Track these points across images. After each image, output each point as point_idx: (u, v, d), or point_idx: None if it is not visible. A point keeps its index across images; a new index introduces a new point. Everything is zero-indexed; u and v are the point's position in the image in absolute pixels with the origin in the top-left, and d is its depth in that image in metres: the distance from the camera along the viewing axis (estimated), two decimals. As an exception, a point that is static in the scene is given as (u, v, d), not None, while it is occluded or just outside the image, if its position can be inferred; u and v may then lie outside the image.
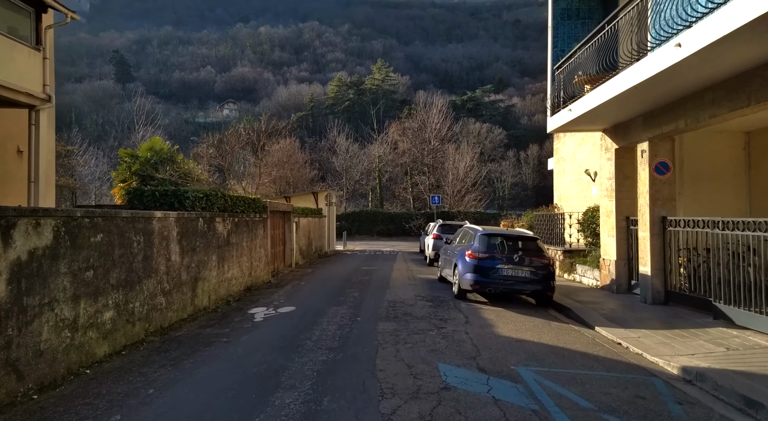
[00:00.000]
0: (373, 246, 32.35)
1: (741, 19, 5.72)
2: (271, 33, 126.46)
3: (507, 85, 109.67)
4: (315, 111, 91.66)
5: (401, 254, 25.41)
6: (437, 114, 43.55)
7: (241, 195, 13.37)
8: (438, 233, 19.01)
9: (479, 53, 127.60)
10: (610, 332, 8.54)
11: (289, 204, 18.18)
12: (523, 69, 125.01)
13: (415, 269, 18.34)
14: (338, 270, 17.83)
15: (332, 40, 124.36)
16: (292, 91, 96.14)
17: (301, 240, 20.06)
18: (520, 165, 79.51)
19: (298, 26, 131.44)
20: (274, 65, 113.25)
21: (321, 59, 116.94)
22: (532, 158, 79.87)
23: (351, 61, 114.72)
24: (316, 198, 25.80)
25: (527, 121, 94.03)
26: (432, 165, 43.30)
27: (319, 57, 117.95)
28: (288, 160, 42.39)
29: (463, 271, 11.06)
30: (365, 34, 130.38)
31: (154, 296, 8.23)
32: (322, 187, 29.25)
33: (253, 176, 31.42)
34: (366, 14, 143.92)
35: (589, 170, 17.01)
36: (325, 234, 25.60)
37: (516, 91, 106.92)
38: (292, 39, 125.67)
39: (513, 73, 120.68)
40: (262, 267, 14.37)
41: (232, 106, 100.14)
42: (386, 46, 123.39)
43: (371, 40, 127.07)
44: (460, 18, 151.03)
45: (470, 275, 10.82)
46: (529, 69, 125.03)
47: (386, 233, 39.55)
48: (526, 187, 79.40)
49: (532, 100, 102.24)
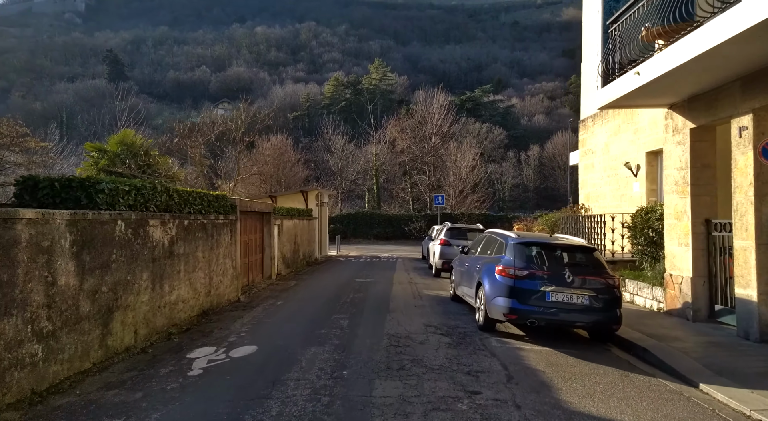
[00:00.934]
0: (369, 251, 29.18)
1: None
2: (268, 33, 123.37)
3: (506, 86, 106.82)
4: (311, 111, 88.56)
5: (401, 261, 22.24)
6: (438, 110, 40.36)
7: (198, 190, 10.18)
8: (446, 238, 15.85)
9: (477, 54, 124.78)
10: (730, 396, 5.44)
11: (269, 203, 15.03)
12: (522, 70, 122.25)
13: (420, 281, 15.18)
14: (327, 283, 14.65)
15: (329, 41, 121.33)
16: (287, 91, 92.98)
17: (284, 246, 16.88)
18: (521, 166, 76.54)
19: (295, 27, 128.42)
20: (270, 65, 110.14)
21: (318, 59, 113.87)
22: (532, 159, 76.92)
23: (348, 61, 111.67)
24: (306, 198, 22.64)
25: (527, 121, 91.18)
26: (433, 164, 40.07)
27: (315, 57, 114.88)
28: (279, 158, 39.23)
29: (493, 293, 7.90)
30: (363, 34, 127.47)
31: (17, 344, 5.05)
32: (312, 185, 25.92)
33: (235, 174, 28.32)
34: (364, 15, 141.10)
35: (629, 163, 13.91)
36: (316, 238, 22.45)
37: (515, 92, 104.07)
38: (288, 39, 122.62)
39: (511, 74, 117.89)
40: (228, 282, 11.18)
41: (227, 106, 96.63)
42: (384, 47, 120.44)
43: (369, 40, 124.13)
44: (459, 19, 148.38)
45: (503, 301, 7.64)
46: (528, 70, 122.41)
47: (384, 236, 36.36)
48: (527, 188, 76.40)
49: (532, 101, 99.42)
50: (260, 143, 38.55)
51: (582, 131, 17.71)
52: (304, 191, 22.81)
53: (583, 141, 17.64)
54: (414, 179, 41.24)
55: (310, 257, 21.37)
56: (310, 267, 19.65)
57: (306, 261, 20.43)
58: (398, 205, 42.92)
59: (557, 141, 75.54)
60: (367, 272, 17.30)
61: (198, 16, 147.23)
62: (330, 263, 21.86)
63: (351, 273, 17.19)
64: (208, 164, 24.32)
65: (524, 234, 8.87)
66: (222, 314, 9.92)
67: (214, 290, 10.40)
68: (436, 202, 27.09)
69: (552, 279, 7.54)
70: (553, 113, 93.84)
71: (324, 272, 17.95)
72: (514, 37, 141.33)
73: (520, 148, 79.11)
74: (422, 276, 16.45)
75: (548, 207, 60.80)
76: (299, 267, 18.85)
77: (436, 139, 40.05)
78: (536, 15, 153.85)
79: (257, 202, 13.93)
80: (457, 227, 16.52)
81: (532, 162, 76.39)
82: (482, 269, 8.62)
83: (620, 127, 14.83)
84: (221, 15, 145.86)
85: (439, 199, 27.16)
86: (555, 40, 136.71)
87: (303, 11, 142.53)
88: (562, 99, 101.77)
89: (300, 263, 19.17)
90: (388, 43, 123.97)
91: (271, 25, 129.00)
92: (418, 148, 40.36)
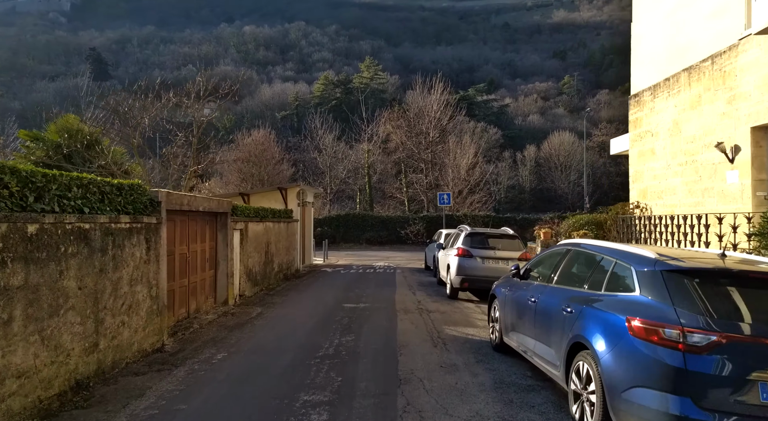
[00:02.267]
0: (361, 258, 24.93)
1: None
2: (256, 32, 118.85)
3: (498, 87, 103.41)
4: (300, 110, 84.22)
5: (401, 273, 17.99)
6: (436, 101, 36.08)
7: (77, 175, 5.86)
8: (465, 247, 11.61)
9: (469, 56, 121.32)
10: None
11: (226, 201, 10.74)
12: (513, 72, 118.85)
13: (433, 307, 10.90)
14: (303, 312, 10.35)
15: (319, 40, 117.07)
16: (276, 90, 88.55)
17: (250, 257, 12.58)
18: (517, 167, 72.69)
19: (284, 27, 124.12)
20: (258, 64, 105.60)
21: (307, 59, 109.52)
22: (529, 160, 73.07)
23: (339, 61, 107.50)
24: (285, 196, 18.35)
25: (521, 121, 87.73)
26: (430, 161, 35.73)
27: (305, 57, 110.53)
28: (262, 155, 34.87)
29: (628, 380, 3.70)
30: (353, 34, 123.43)
31: None
32: (293, 182, 21.42)
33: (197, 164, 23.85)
34: (354, 16, 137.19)
35: (723, 144, 9.83)
36: (297, 244, 18.18)
37: (508, 93, 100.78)
38: (277, 39, 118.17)
39: (503, 75, 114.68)
40: (142, 323, 6.89)
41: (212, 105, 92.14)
42: (375, 47, 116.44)
43: (359, 40, 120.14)
44: (450, 21, 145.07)
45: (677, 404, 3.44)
46: (520, 72, 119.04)
47: (377, 240, 32.04)
48: (523, 190, 72.50)
49: (525, 101, 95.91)
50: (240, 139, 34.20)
51: (635, 109, 13.62)
52: (283, 188, 18.47)
53: (636, 121, 13.54)
54: (410, 178, 36.93)
55: (289, 268, 17.08)
56: (288, 283, 15.35)
57: (283, 274, 16.14)
58: (393, 207, 38.64)
59: (554, 141, 72.23)
60: (360, 292, 13.04)
61: (186, 17, 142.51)
62: (314, 275, 17.57)
63: (338, 293, 12.92)
64: (134, 144, 19.56)
65: (669, 252, 4.58)
66: (117, 381, 5.65)
67: (109, 341, 6.10)
68: (440, 202, 22.79)
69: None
70: (548, 113, 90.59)
71: (303, 290, 13.65)
72: (505, 38, 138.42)
73: (515, 148, 75.37)
74: (433, 297, 12.23)
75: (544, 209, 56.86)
76: (272, 283, 14.55)
77: (434, 133, 35.71)
78: (527, 17, 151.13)
79: (204, 199, 9.64)
80: (478, 232, 12.28)
81: (528, 163, 72.55)
82: (583, 317, 4.42)
83: (701, 97, 10.74)
84: (210, 16, 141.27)
85: (444, 198, 22.76)
86: (546, 41, 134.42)
87: (293, 12, 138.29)
88: (555, 99, 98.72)
89: (274, 278, 14.88)
90: (379, 44, 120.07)
91: (260, 24, 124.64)
92: (414, 143, 36.01)
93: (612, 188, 70.60)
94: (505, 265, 11.27)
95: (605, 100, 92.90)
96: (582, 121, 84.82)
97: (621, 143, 14.79)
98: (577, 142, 72.52)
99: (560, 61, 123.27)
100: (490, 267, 11.31)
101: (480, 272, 11.24)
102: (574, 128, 78.01)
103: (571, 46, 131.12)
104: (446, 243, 13.91)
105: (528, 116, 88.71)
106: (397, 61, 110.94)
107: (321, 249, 24.19)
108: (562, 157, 71.19)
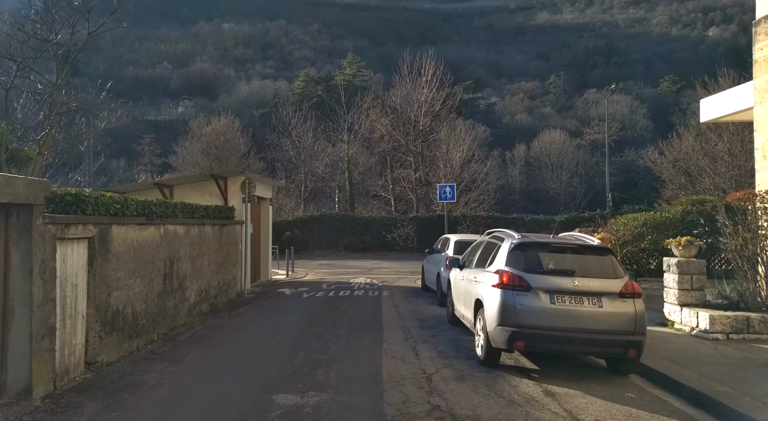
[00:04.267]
0: (337, 270, 19.15)
1: None
2: (236, 30, 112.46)
3: (484, 86, 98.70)
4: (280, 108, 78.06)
5: (389, 298, 12.19)
6: (426, 84, 30.31)
7: None
8: (517, 271, 5.91)
9: (454, 56, 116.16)
10: None
11: (22, 181, 4.97)
12: (498, 72, 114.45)
13: (461, 398, 5.12)
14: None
15: (301, 38, 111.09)
16: (254, 87, 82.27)
17: (123, 288, 6.73)
18: (506, 166, 67.51)
19: (265, 25, 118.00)
20: (237, 62, 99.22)
21: (288, 57, 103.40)
22: (518, 159, 67.98)
23: (321, 59, 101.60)
24: (224, 188, 12.47)
25: (509, 120, 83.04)
26: (420, 153, 29.85)
27: (286, 55, 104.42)
28: (223, 146, 28.90)
29: None
30: (336, 33, 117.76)
31: None
32: (236, 170, 14.72)
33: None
34: (337, 15, 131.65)
35: None
36: (241, 256, 12.36)
37: (494, 92, 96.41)
38: (258, 37, 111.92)
39: (488, 75, 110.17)
40: None
41: (187, 102, 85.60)
42: (358, 46, 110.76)
43: (342, 39, 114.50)
44: (433, 22, 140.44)
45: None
46: (505, 72, 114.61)
47: (359, 247, 26.10)
48: (513, 190, 67.31)
49: (512, 100, 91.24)
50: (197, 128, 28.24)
51: (762, 41, 8.14)
52: (220, 177, 12.54)
53: (764, 61, 8.07)
54: (396, 174, 31.12)
55: (225, 292, 11.24)
56: (214, 319, 9.48)
57: (210, 304, 10.31)
58: (377, 207, 32.73)
59: (544, 139, 67.48)
60: (319, 348, 7.24)
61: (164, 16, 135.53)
62: (261, 301, 11.72)
63: (281, 350, 7.15)
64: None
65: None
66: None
67: None
68: (441, 197, 16.77)
69: None
70: (535, 112, 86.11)
71: (218, 344, 7.74)
72: (488, 40, 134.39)
73: (503, 147, 70.33)
74: (450, 360, 6.52)
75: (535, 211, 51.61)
76: (181, 324, 8.70)
77: (425, 120, 29.96)
78: (510, 19, 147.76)
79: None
80: (535, 242, 6.56)
81: (518, 162, 67.43)
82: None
83: None
84: (189, 14, 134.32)
85: (446, 191, 16.61)
86: (529, 43, 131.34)
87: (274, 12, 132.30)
88: (542, 99, 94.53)
89: (186, 315, 9.03)
90: (362, 43, 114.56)
91: (239, 22, 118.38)
92: (401, 134, 30.09)
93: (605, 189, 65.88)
94: (595, 306, 5.68)
95: (593, 99, 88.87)
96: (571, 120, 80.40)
97: (725, 101, 9.26)
98: (569, 141, 67.82)
99: (544, 62, 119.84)
100: (566, 311, 5.70)
101: (549, 320, 5.64)
102: (564, 126, 73.42)
103: (555, 48, 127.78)
104: (465, 259, 8.19)
105: (515, 115, 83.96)
106: (381, 59, 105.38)
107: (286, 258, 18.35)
108: (553, 157, 66.34)
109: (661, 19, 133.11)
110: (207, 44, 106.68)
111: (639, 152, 65.62)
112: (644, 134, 73.84)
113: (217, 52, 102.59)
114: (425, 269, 13.01)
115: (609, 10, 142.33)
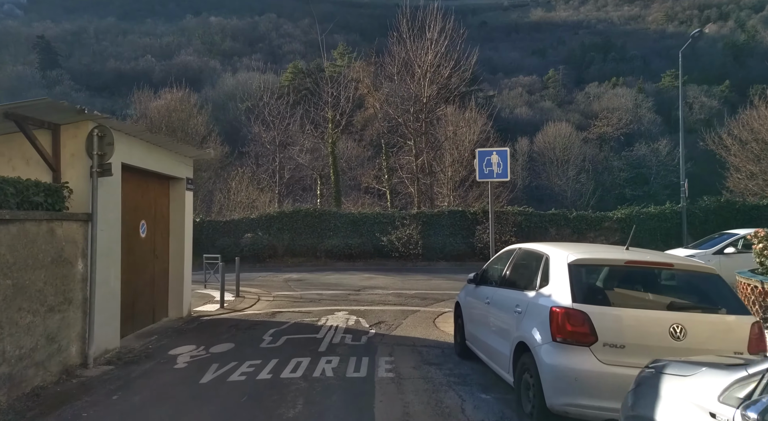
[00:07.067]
0: (308, 293, 12.40)
1: None
2: (224, 24, 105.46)
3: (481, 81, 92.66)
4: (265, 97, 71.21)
5: (393, 385, 5.48)
6: (433, 44, 23.14)
7: None
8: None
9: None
10: None
11: None
12: (493, 68, 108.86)
13: None
14: None
15: (290, 32, 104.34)
16: (240, 80, 75.11)
17: None
18: (508, 161, 61.13)
19: (254, 19, 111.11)
20: (223, 55, 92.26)
21: (277, 50, 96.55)
22: (521, 154, 61.63)
23: (311, 52, 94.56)
24: (55, 147, 5.73)
25: (509, 113, 76.89)
26: (423, 133, 22.62)
27: (275, 48, 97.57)
28: (179, 126, 22.18)
29: None
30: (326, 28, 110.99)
31: None
32: (71, 107, 7.75)
33: None
34: (327, 11, 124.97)
35: None
36: (81, 287, 5.56)
37: (490, 87, 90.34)
38: (246, 30, 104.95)
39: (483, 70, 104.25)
40: None
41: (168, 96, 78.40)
42: (350, 41, 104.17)
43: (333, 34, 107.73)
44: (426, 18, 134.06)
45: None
46: (500, 68, 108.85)
47: (345, 253, 18.93)
48: (516, 186, 61.06)
49: (510, 94, 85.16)
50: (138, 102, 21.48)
51: None
52: (43, 123, 5.80)
53: None
54: (393, 161, 24.19)
55: (24, 373, 4.49)
56: None
57: None
58: (369, 202, 25.66)
59: (548, 133, 61.25)
60: None
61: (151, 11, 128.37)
62: (95, 402, 5.04)
63: None
64: None
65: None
66: None
67: None
68: (482, 174, 8.59)
69: None
70: (535, 106, 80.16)
71: None
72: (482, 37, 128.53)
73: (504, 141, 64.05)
74: None
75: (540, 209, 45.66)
76: None
77: (430, 91, 23.10)
78: (504, 17, 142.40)
79: None
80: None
81: (521, 157, 61.04)
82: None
83: None
84: (176, 9, 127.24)
85: (493, 162, 8.65)
86: (524, 40, 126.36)
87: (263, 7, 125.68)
88: (541, 93, 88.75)
89: None
90: (353, 38, 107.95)
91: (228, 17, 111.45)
92: (399, 111, 22.78)
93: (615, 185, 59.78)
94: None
95: (594, 93, 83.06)
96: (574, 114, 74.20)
97: None
98: (575, 134, 61.50)
99: (540, 58, 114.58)
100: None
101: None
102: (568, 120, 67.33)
103: (551, 44, 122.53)
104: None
105: (515, 109, 77.77)
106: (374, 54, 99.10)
107: (233, 274, 11.63)
108: (558, 151, 60.06)
109: (656, 16, 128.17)
110: (193, 38, 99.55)
111: (651, 146, 59.56)
112: (652, 128, 67.89)
113: (203, 46, 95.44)
114: (463, 302, 6.17)
115: (603, 8, 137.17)
